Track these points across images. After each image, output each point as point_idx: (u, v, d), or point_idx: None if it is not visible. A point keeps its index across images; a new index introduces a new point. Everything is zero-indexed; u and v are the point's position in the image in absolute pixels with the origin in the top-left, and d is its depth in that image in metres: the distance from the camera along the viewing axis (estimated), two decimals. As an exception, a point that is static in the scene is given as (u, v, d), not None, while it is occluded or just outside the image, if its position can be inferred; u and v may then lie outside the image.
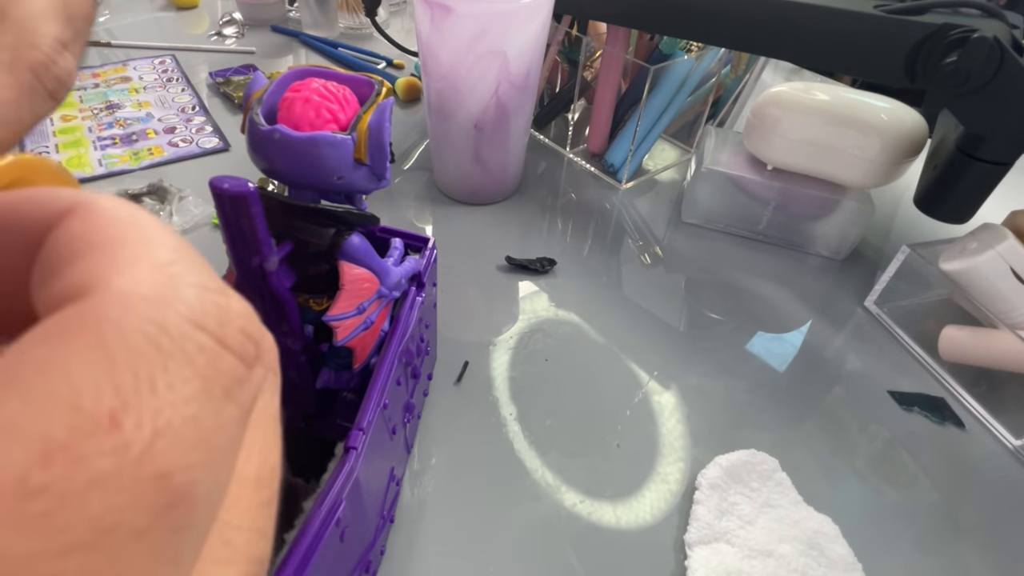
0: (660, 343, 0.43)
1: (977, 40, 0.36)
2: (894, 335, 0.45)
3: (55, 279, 0.08)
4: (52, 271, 0.08)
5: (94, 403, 0.07)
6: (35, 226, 0.09)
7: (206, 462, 0.08)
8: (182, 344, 0.08)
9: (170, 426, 0.07)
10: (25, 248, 0.09)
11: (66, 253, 0.08)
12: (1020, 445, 0.38)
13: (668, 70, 0.53)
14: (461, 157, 0.51)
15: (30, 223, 0.09)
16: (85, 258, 0.08)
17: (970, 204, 0.43)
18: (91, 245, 0.08)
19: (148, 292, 0.08)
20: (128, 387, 0.07)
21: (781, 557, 0.31)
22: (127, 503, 0.07)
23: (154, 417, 0.07)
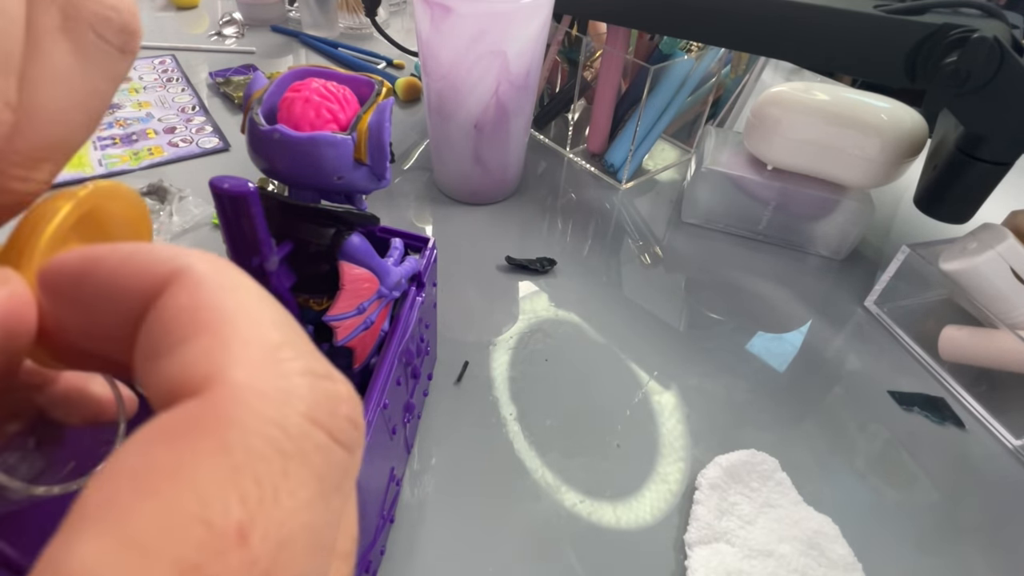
0: (660, 343, 0.43)
1: (977, 40, 0.36)
2: (894, 335, 0.45)
3: (166, 358, 0.09)
4: (162, 347, 0.09)
5: (223, 517, 0.07)
6: (139, 293, 0.10)
7: (320, 565, 0.08)
8: (301, 444, 0.08)
9: (291, 536, 0.08)
10: (128, 312, 0.10)
11: (175, 329, 0.09)
12: (1020, 445, 0.38)
13: (668, 70, 0.53)
14: (461, 157, 0.51)
15: (134, 289, 0.10)
16: (196, 340, 0.09)
17: (970, 204, 0.43)
18: (200, 325, 0.09)
19: (266, 388, 0.08)
20: (253, 497, 0.08)
21: (781, 557, 0.31)
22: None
23: (278, 529, 0.08)
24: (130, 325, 0.10)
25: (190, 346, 0.09)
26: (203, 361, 0.08)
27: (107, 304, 0.10)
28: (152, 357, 0.09)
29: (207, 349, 0.08)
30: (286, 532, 0.08)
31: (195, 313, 0.09)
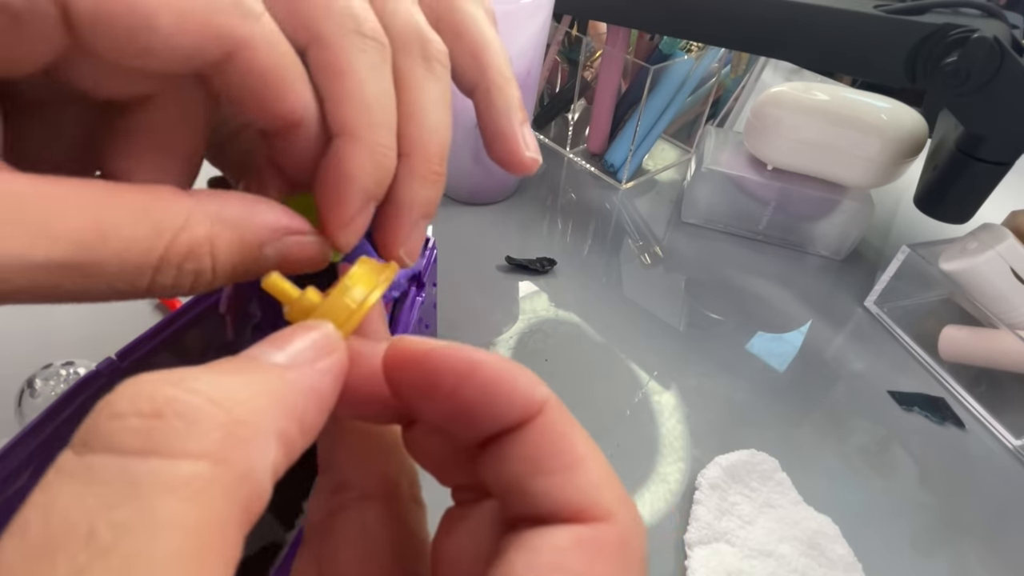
0: (660, 343, 0.43)
1: (977, 40, 0.36)
2: (894, 335, 0.45)
3: (552, 476, 0.11)
4: (539, 469, 0.11)
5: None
6: (516, 409, 0.12)
7: None
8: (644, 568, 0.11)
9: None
10: (492, 419, 0.12)
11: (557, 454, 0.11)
12: (1020, 445, 0.38)
13: (668, 70, 0.53)
14: (461, 157, 0.51)
15: (514, 404, 0.12)
16: (578, 472, 0.11)
17: (970, 204, 0.43)
18: (577, 458, 0.11)
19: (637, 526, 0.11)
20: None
21: (781, 557, 0.31)
22: None
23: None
24: (478, 427, 0.12)
25: (576, 476, 0.11)
26: (593, 494, 0.11)
27: (472, 407, 0.12)
28: (535, 471, 0.11)
29: (592, 484, 0.11)
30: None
31: (568, 448, 0.11)
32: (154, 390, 0.09)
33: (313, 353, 0.12)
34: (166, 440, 0.09)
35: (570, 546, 0.11)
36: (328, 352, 0.12)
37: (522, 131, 0.20)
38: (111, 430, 0.09)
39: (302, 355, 0.11)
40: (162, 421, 0.09)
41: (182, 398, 0.09)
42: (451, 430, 0.12)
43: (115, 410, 0.09)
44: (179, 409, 0.09)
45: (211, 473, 0.09)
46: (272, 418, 0.10)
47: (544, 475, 0.11)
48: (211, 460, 0.09)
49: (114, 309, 0.39)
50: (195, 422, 0.09)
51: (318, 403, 0.11)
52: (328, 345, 0.12)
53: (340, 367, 0.12)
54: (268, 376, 0.11)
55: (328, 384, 0.12)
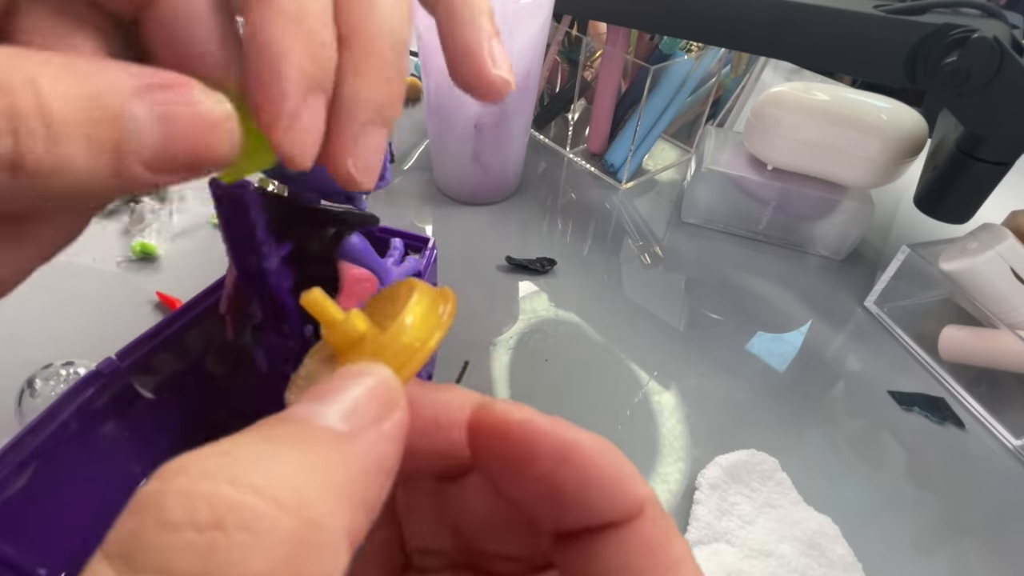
0: (660, 343, 0.43)
1: (977, 40, 0.36)
2: (894, 335, 0.45)
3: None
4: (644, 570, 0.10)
5: None
6: (610, 506, 0.11)
7: None
8: None
9: None
10: (588, 510, 0.11)
11: (650, 568, 0.10)
12: (1020, 445, 0.38)
13: (668, 70, 0.53)
14: (461, 157, 0.51)
15: (606, 500, 0.10)
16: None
17: (970, 204, 0.43)
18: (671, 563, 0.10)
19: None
20: None
21: (781, 557, 0.31)
22: None
23: None
24: (566, 516, 0.11)
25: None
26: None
27: (566, 494, 0.10)
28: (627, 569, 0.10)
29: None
30: None
31: (671, 555, 0.11)
32: (213, 491, 0.08)
33: (375, 411, 0.10)
34: (230, 559, 0.07)
35: None
36: (391, 409, 0.10)
37: (489, 45, 0.17)
38: (164, 546, 0.07)
39: (362, 416, 0.10)
40: (225, 535, 0.07)
41: (246, 502, 0.08)
42: (532, 512, 0.11)
43: (167, 517, 0.07)
44: (244, 518, 0.07)
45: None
46: (345, 514, 0.09)
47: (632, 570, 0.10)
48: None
49: (114, 309, 0.39)
50: (263, 533, 0.07)
51: (386, 478, 0.10)
52: (390, 400, 0.10)
53: (404, 427, 0.10)
54: (331, 454, 0.09)
55: (394, 452, 0.10)
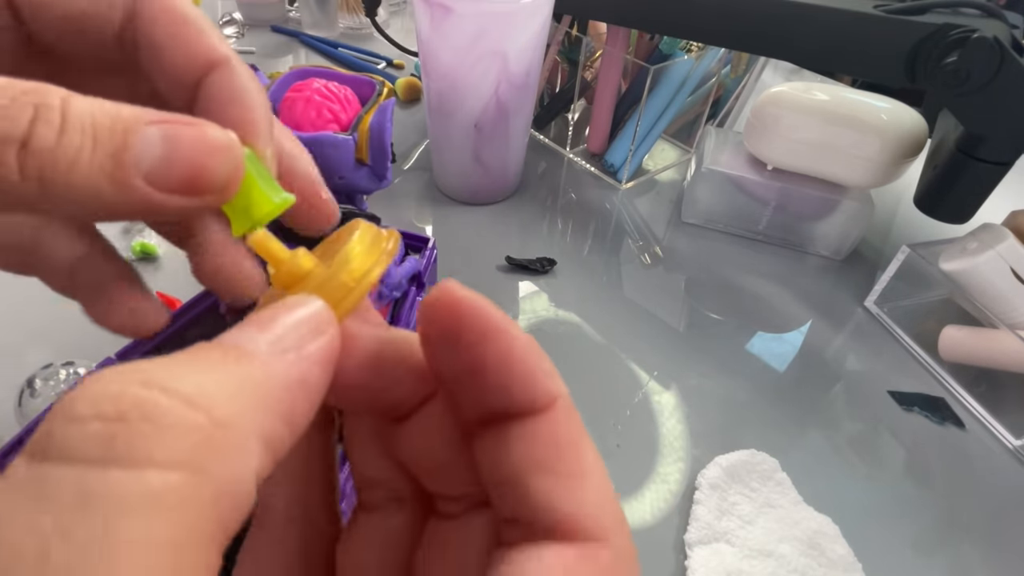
0: (660, 343, 0.43)
1: (977, 40, 0.36)
2: (894, 335, 0.45)
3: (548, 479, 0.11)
4: (544, 468, 0.11)
5: None
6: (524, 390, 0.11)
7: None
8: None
9: None
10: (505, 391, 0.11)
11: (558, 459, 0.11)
12: (1020, 445, 0.38)
13: (668, 70, 0.53)
14: (461, 157, 0.51)
15: (521, 382, 0.11)
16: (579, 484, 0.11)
17: (970, 204, 0.43)
18: (582, 469, 0.11)
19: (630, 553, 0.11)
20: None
21: (781, 557, 0.31)
22: None
23: None
24: (487, 399, 0.11)
25: (580, 486, 0.11)
26: (594, 510, 0.11)
27: (487, 370, 0.11)
28: (539, 470, 0.11)
29: (595, 501, 0.11)
30: None
31: (581, 453, 0.11)
32: (121, 390, 0.08)
33: (301, 337, 0.11)
34: (131, 448, 0.08)
35: (564, 568, 0.10)
36: (317, 334, 0.11)
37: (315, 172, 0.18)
38: (68, 436, 0.08)
39: (288, 340, 0.10)
40: (126, 426, 0.08)
41: (151, 398, 0.08)
42: (458, 397, 0.12)
43: (74, 412, 0.08)
44: (148, 411, 0.08)
45: (186, 485, 0.08)
46: (257, 418, 0.09)
47: (548, 476, 0.11)
48: (186, 470, 0.08)
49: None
50: (167, 427, 0.08)
51: (307, 395, 0.10)
52: (316, 327, 0.11)
53: (331, 352, 0.11)
54: (250, 369, 0.10)
55: (318, 374, 0.11)
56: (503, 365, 0.11)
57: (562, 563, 0.10)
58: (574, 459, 0.11)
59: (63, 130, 0.11)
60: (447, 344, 0.12)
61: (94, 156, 0.11)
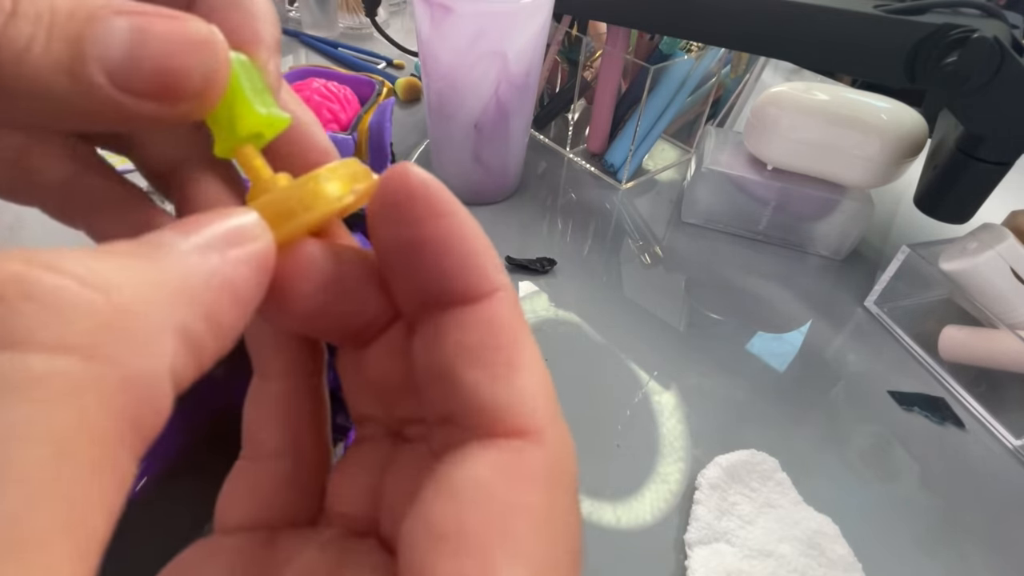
0: (660, 343, 0.43)
1: (977, 40, 0.36)
2: (894, 335, 0.45)
3: (479, 371, 0.10)
4: (476, 359, 0.10)
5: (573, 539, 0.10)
6: (462, 274, 0.11)
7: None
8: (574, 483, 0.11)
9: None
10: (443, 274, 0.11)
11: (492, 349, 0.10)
12: (1020, 445, 0.38)
13: (668, 70, 0.53)
14: (461, 157, 0.51)
15: (460, 265, 0.11)
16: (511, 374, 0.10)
17: (970, 204, 0.43)
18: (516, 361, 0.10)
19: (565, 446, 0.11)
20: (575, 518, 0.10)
21: (781, 557, 0.31)
22: None
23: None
24: (426, 282, 0.11)
25: (513, 377, 0.10)
26: (526, 402, 0.10)
27: (427, 250, 0.11)
28: (471, 361, 0.10)
29: (528, 393, 0.10)
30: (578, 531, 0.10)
31: (517, 345, 0.11)
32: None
33: (227, 241, 0.10)
34: (9, 329, 0.07)
35: (493, 468, 0.10)
36: (246, 240, 0.10)
37: None
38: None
39: (212, 242, 0.09)
40: (4, 305, 0.07)
41: (35, 276, 0.07)
42: (400, 284, 0.12)
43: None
44: (29, 290, 0.07)
45: (79, 371, 0.07)
46: (168, 309, 0.08)
47: (480, 367, 0.10)
48: (79, 355, 0.07)
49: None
50: (53, 306, 0.07)
51: (234, 299, 0.09)
52: (244, 235, 0.10)
53: (260, 259, 0.10)
54: (165, 262, 0.09)
55: (244, 277, 0.10)
56: (444, 245, 0.11)
57: (489, 463, 0.10)
58: (508, 350, 0.10)
59: (13, 12, 0.09)
60: (393, 220, 0.11)
61: (49, 46, 0.09)
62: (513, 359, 0.10)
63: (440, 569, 0.09)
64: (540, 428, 0.10)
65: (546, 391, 0.11)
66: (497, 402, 0.10)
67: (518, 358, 0.10)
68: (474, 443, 0.10)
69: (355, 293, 0.12)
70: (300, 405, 0.14)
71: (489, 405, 0.10)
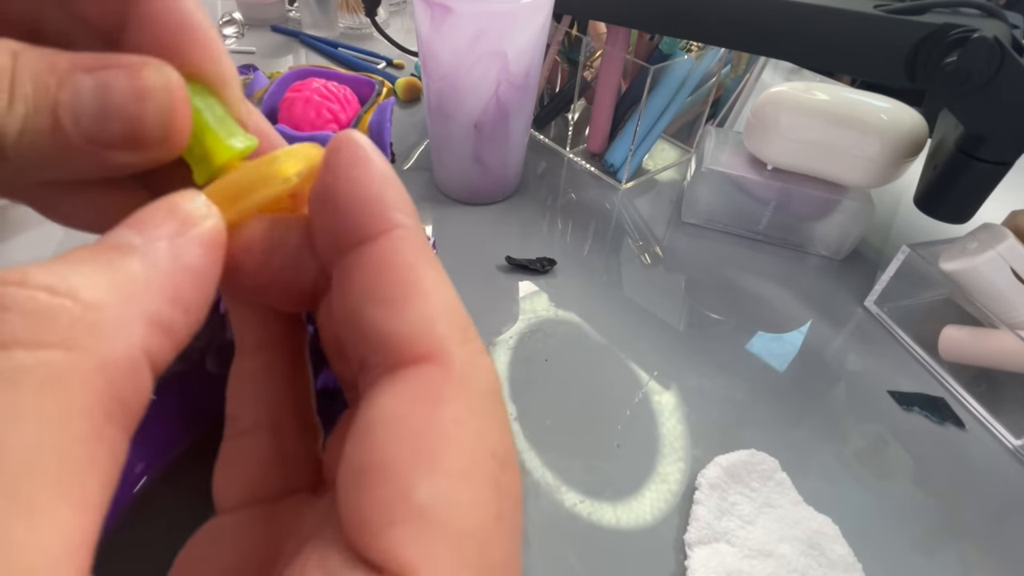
0: (660, 343, 0.43)
1: (977, 40, 0.36)
2: (894, 335, 0.45)
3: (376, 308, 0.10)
4: (373, 297, 0.11)
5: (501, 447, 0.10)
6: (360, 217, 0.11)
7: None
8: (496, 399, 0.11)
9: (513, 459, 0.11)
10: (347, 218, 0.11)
11: (388, 284, 0.11)
12: (1020, 445, 0.38)
13: (668, 70, 0.53)
14: (461, 157, 0.51)
15: (360, 208, 0.11)
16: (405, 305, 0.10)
17: (970, 204, 0.43)
18: (411, 291, 0.11)
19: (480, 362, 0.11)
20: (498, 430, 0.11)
21: (781, 557, 0.31)
22: None
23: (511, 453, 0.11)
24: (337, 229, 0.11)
25: (408, 307, 0.10)
26: (422, 327, 0.10)
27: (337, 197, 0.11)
28: (369, 299, 0.11)
29: (425, 318, 0.10)
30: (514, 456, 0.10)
31: (413, 275, 0.11)
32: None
33: (178, 227, 0.10)
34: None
35: (400, 397, 0.10)
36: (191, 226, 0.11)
37: None
38: None
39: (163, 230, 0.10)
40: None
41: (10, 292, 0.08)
42: (318, 236, 0.12)
43: None
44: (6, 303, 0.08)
45: (60, 361, 0.08)
46: (132, 301, 0.09)
47: (377, 303, 0.10)
48: (60, 348, 0.08)
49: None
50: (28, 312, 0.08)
51: (191, 278, 0.10)
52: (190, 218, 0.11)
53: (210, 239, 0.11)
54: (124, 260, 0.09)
55: (199, 256, 0.10)
56: (346, 190, 0.11)
57: (395, 394, 0.10)
58: (404, 284, 0.11)
59: (11, 101, 0.10)
60: (318, 178, 0.12)
61: (32, 110, 0.10)
62: (409, 291, 0.11)
63: (364, 502, 0.09)
64: (442, 350, 0.10)
65: (448, 313, 0.11)
66: (397, 333, 0.10)
67: (415, 289, 0.11)
68: (383, 378, 0.10)
69: (297, 259, 0.13)
70: (275, 378, 0.14)
71: (389, 338, 0.10)
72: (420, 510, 0.09)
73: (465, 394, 0.10)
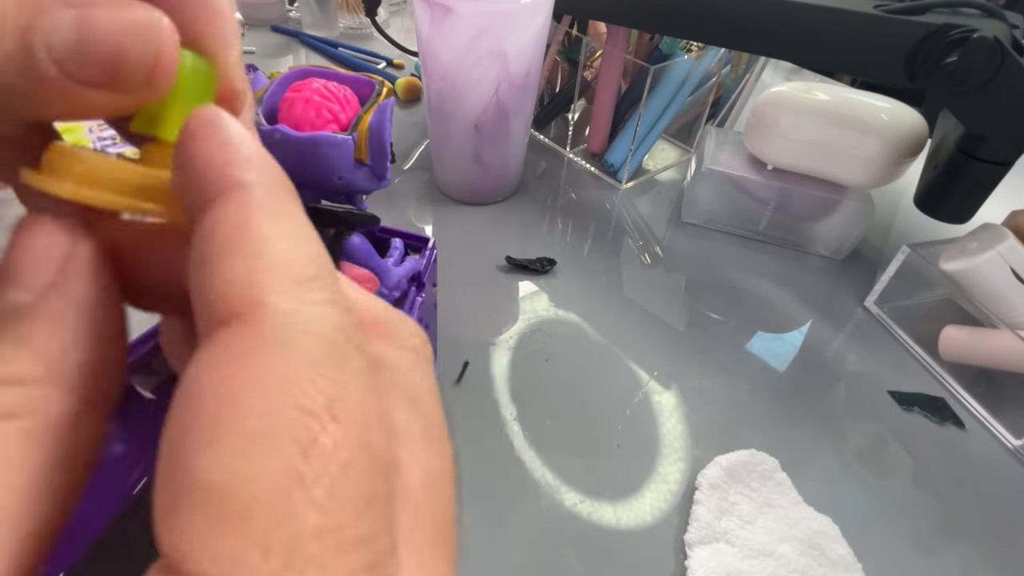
0: (660, 343, 0.43)
1: (977, 40, 0.36)
2: (894, 335, 0.45)
3: (200, 270, 0.10)
4: (201, 258, 0.10)
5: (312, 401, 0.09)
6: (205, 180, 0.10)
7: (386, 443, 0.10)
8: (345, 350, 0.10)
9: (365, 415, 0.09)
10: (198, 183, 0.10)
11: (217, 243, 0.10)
12: (1020, 445, 0.38)
13: (668, 70, 0.53)
14: (461, 157, 0.51)
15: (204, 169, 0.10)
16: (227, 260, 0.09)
17: (970, 204, 0.43)
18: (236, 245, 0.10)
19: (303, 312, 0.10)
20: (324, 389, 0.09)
21: (781, 557, 0.31)
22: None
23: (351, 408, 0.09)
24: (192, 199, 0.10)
25: (228, 263, 0.09)
26: (237, 282, 0.09)
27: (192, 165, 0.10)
28: (198, 262, 0.10)
29: (245, 271, 0.09)
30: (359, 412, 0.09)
31: (244, 230, 0.10)
32: None
33: (51, 270, 0.10)
34: None
35: (200, 367, 0.09)
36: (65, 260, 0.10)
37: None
38: None
39: (40, 277, 0.10)
40: None
41: None
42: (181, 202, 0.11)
43: None
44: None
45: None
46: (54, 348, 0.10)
47: (198, 267, 0.10)
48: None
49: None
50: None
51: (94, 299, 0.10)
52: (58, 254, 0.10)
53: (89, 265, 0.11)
54: (22, 324, 0.10)
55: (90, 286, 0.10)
56: (196, 154, 0.10)
57: (196, 363, 0.09)
58: (231, 241, 0.10)
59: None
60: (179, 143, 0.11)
61: (4, 42, 0.09)
62: (234, 249, 0.10)
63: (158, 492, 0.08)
64: (256, 303, 0.09)
65: (278, 266, 0.10)
66: (212, 294, 0.09)
67: (240, 247, 0.10)
68: (198, 350, 0.09)
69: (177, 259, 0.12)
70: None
71: (207, 301, 0.09)
72: (203, 488, 0.08)
73: (274, 348, 0.09)
